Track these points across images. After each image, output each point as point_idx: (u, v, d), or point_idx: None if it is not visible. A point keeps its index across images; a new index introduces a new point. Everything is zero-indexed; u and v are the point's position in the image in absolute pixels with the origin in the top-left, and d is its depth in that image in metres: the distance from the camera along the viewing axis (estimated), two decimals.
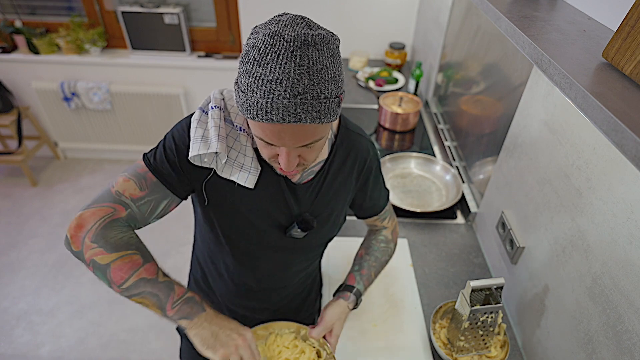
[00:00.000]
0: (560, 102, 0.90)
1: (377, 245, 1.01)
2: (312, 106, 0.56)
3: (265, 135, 0.61)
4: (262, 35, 0.55)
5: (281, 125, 0.58)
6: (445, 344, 0.99)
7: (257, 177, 0.73)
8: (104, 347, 1.95)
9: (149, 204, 0.73)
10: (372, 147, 0.89)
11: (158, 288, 0.72)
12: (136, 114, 2.84)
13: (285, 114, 0.55)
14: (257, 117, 0.57)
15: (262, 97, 0.55)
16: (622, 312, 0.70)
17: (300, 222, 0.81)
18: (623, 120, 0.44)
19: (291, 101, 0.55)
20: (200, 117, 0.71)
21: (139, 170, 0.72)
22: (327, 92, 0.57)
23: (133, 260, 0.70)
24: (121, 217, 0.71)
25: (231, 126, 0.72)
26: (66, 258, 2.36)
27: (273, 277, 0.93)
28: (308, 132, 0.60)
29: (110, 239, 0.69)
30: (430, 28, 2.12)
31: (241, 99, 0.58)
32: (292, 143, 0.61)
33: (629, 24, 0.51)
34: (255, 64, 0.55)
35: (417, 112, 1.85)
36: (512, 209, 1.12)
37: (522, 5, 0.81)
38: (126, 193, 0.71)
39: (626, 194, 0.70)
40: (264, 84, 0.55)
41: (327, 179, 0.82)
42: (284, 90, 0.54)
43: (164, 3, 2.60)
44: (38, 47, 2.60)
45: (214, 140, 0.68)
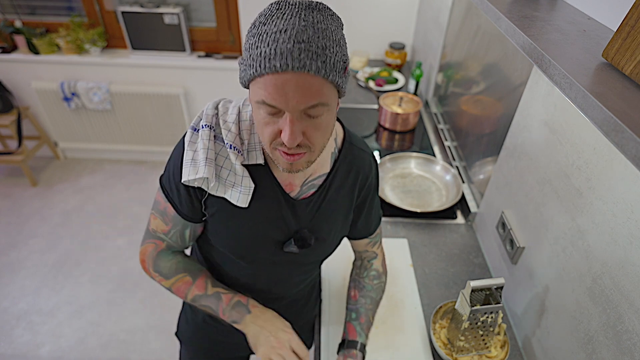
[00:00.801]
0: (560, 102, 0.90)
1: (371, 283, 0.97)
2: (317, 54, 0.54)
3: (268, 94, 0.56)
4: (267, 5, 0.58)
5: (284, 76, 0.54)
6: (445, 344, 0.99)
7: (249, 195, 0.71)
8: (104, 347, 1.95)
9: (177, 235, 0.81)
10: (374, 164, 0.87)
11: (209, 301, 0.83)
12: (136, 114, 2.84)
13: (288, 58, 0.53)
14: (260, 68, 0.55)
15: (266, 46, 0.54)
16: (622, 312, 0.70)
17: (297, 240, 0.79)
18: (623, 120, 0.44)
19: (295, 46, 0.53)
20: (191, 138, 0.71)
21: (160, 207, 0.78)
22: (332, 49, 0.56)
23: (185, 281, 0.84)
24: (163, 249, 0.83)
25: (222, 144, 0.70)
26: (66, 258, 2.37)
27: (270, 289, 0.91)
28: (312, 88, 0.56)
29: (163, 268, 0.83)
30: (430, 28, 2.12)
31: (243, 63, 0.58)
32: (295, 100, 0.56)
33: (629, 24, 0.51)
34: (261, 25, 0.56)
35: (417, 112, 1.85)
36: (512, 209, 1.12)
37: (522, 5, 0.81)
38: (158, 229, 0.81)
39: (626, 194, 0.70)
40: (268, 35, 0.54)
41: (329, 194, 0.80)
42: (288, 37, 0.53)
43: (164, 3, 2.60)
44: (38, 47, 2.60)
45: (201, 164, 0.67)
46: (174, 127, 2.91)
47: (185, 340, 1.08)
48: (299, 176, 0.76)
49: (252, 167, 0.73)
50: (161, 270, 0.83)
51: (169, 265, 0.83)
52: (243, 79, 0.60)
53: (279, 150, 0.64)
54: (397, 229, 1.35)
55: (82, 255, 2.39)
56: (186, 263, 0.85)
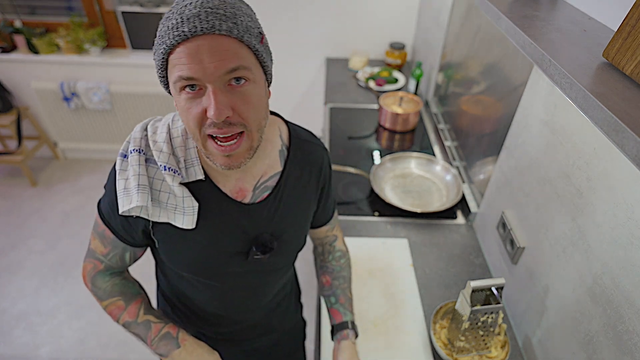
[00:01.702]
0: (560, 102, 0.90)
1: (338, 264, 0.97)
2: (226, 17, 0.54)
3: (183, 67, 0.54)
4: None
5: (196, 42, 0.53)
6: (445, 344, 0.99)
7: (194, 215, 0.68)
8: (104, 348, 1.94)
9: (116, 257, 0.78)
10: (325, 153, 0.84)
11: (138, 329, 0.80)
12: (136, 114, 2.83)
13: (195, 21, 0.52)
14: (171, 39, 0.53)
15: (175, 19, 0.53)
16: (622, 313, 0.70)
17: (257, 246, 0.75)
18: (624, 120, 0.44)
19: (202, 10, 0.53)
20: (121, 166, 0.66)
21: (98, 229, 0.75)
22: (243, 17, 0.55)
23: (117, 305, 0.80)
24: (100, 269, 0.80)
25: (155, 166, 0.66)
26: (65, 258, 2.36)
27: (246, 303, 0.88)
28: (228, 49, 0.54)
29: (98, 290, 0.81)
30: (430, 28, 2.11)
31: (156, 44, 0.57)
32: (214, 65, 0.54)
33: (629, 23, 0.51)
34: (167, 11, 0.56)
35: (417, 112, 1.85)
36: (513, 209, 1.12)
37: (522, 5, 0.80)
38: (97, 250, 0.78)
39: (627, 194, 0.70)
40: (176, 12, 0.54)
41: (285, 193, 0.76)
42: (194, 6, 0.53)
43: (164, 3, 2.60)
44: (38, 47, 2.60)
45: (134, 192, 0.63)
46: None
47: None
48: (249, 180, 0.73)
49: (193, 184, 0.69)
50: (97, 291, 0.81)
51: (104, 287, 0.80)
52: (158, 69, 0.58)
53: (212, 142, 0.60)
54: (398, 229, 1.35)
55: (82, 255, 2.38)
56: (123, 286, 0.82)
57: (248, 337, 0.99)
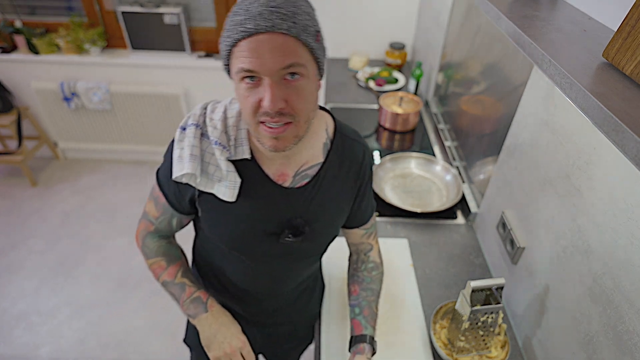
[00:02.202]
0: (560, 102, 0.90)
1: (369, 275, 0.97)
2: (287, 16, 0.58)
3: (245, 60, 0.59)
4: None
5: (257, 38, 0.58)
6: (445, 344, 0.99)
7: (235, 190, 0.73)
8: (104, 348, 1.94)
9: (165, 222, 0.86)
10: (367, 152, 0.88)
11: (174, 289, 0.88)
12: (136, 114, 2.84)
13: (259, 18, 0.57)
14: (234, 36, 0.59)
15: (239, 16, 0.58)
16: (622, 313, 0.70)
17: (290, 228, 0.79)
18: (624, 120, 0.44)
19: (266, 10, 0.57)
20: (179, 137, 0.74)
21: (154, 194, 0.83)
22: (302, 15, 0.60)
23: (160, 265, 0.89)
24: (151, 231, 0.89)
25: (208, 141, 0.73)
26: (65, 258, 2.36)
27: (271, 283, 0.91)
28: (286, 48, 0.59)
29: (146, 248, 0.90)
30: (430, 28, 2.11)
31: (223, 37, 0.62)
32: (272, 60, 0.59)
33: (629, 23, 0.51)
34: (236, 6, 0.61)
35: (418, 112, 1.85)
36: (513, 209, 1.12)
37: (522, 5, 0.81)
38: (150, 213, 0.86)
39: (627, 194, 0.70)
40: (242, 8, 0.59)
41: (324, 184, 0.80)
42: (260, 4, 0.58)
43: (164, 3, 2.60)
44: (38, 47, 2.60)
45: (186, 160, 0.71)
46: (174, 127, 2.90)
47: (195, 347, 1.07)
48: (291, 166, 0.77)
49: (240, 162, 0.74)
50: (145, 249, 0.90)
51: (152, 247, 0.89)
52: (224, 58, 0.64)
53: (262, 125, 0.65)
54: (398, 229, 1.35)
55: (82, 255, 2.39)
56: (167, 248, 0.90)
57: (267, 322, 1.02)
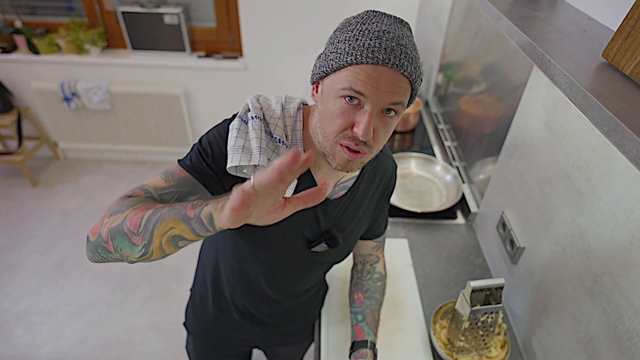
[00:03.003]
0: (560, 102, 0.90)
1: (374, 285, 1.00)
2: (411, 59, 0.60)
3: (359, 82, 0.59)
4: (361, 12, 0.64)
5: (381, 70, 0.59)
6: (445, 344, 0.99)
7: (293, 188, 0.72)
8: (104, 348, 1.94)
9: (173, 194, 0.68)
10: (395, 169, 0.90)
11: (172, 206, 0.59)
12: (136, 114, 2.84)
13: (391, 55, 0.58)
14: (361, 57, 0.58)
15: (370, 40, 0.59)
16: (622, 313, 0.70)
17: (328, 238, 0.81)
18: (623, 121, 0.44)
19: (397, 46, 0.59)
20: (240, 127, 0.69)
21: (169, 170, 0.70)
22: (418, 61, 0.63)
23: (146, 206, 0.61)
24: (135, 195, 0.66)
25: (270, 138, 0.70)
26: (66, 258, 2.36)
27: (286, 285, 0.92)
28: (400, 86, 0.60)
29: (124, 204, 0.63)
30: (430, 28, 2.11)
31: (339, 51, 0.61)
32: (385, 94, 0.60)
33: (629, 24, 0.51)
34: (359, 24, 0.61)
35: (418, 112, 1.85)
36: (513, 209, 1.12)
37: (522, 5, 0.81)
38: (150, 184, 0.67)
39: (626, 194, 0.70)
40: (371, 32, 0.59)
41: (357, 195, 0.82)
42: (391, 37, 0.59)
43: (164, 3, 2.60)
44: (38, 47, 2.60)
45: (255, 152, 0.66)
46: (174, 127, 2.91)
47: (193, 333, 1.09)
48: (333, 176, 0.78)
49: None
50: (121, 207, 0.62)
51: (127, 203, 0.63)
52: (329, 68, 0.62)
53: (341, 144, 0.64)
54: (398, 229, 1.35)
55: (82, 255, 2.39)
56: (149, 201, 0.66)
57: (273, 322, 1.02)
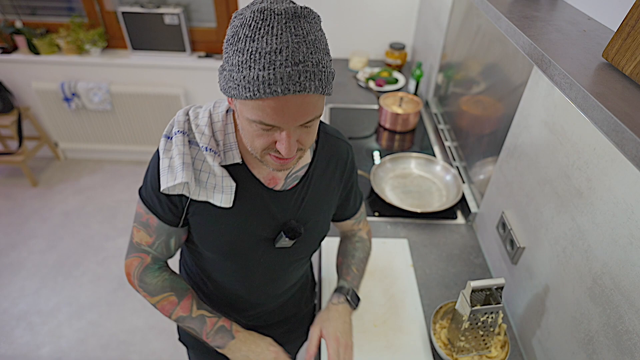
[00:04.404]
0: (560, 102, 0.90)
1: (353, 246, 1.01)
2: (314, 74, 0.55)
3: (266, 115, 0.56)
4: (249, 12, 0.54)
5: (285, 99, 0.55)
6: (445, 344, 0.99)
7: (231, 195, 0.72)
8: (104, 348, 1.95)
9: (162, 245, 0.80)
10: (350, 149, 0.89)
11: (193, 323, 0.83)
12: (136, 114, 2.84)
13: (289, 83, 0.53)
14: (258, 93, 0.54)
15: (263, 69, 0.52)
16: (622, 313, 0.70)
17: (287, 231, 0.80)
18: (623, 121, 0.44)
19: (294, 69, 0.53)
20: (165, 146, 0.70)
21: (142, 220, 0.78)
22: (324, 62, 0.56)
23: (170, 301, 0.83)
24: (148, 263, 0.82)
25: (197, 148, 0.70)
26: (66, 258, 2.36)
27: (265, 287, 0.91)
28: (310, 105, 0.57)
29: (149, 285, 0.82)
30: (430, 28, 2.12)
31: (235, 80, 0.55)
32: (295, 119, 0.57)
33: (629, 24, 0.51)
34: (248, 40, 0.53)
35: (418, 113, 1.85)
36: (513, 209, 1.12)
37: (522, 5, 0.81)
38: (142, 242, 0.80)
39: (626, 194, 0.70)
40: (262, 56, 0.52)
41: (312, 183, 0.81)
42: (285, 59, 0.52)
43: (164, 3, 2.60)
44: (38, 47, 2.60)
45: (179, 170, 0.67)
46: None
47: (191, 346, 1.08)
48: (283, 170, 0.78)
49: (230, 167, 0.73)
50: (147, 287, 0.83)
51: (155, 282, 0.83)
52: (231, 94, 0.58)
53: (271, 155, 0.64)
54: (398, 229, 1.35)
55: (82, 255, 2.39)
56: (173, 281, 0.85)
57: (262, 324, 1.02)
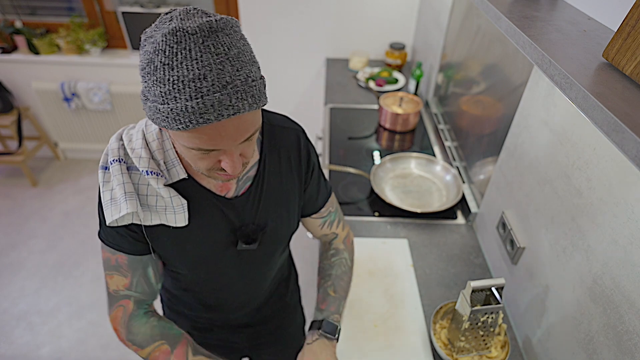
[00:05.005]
0: (560, 102, 0.90)
1: (329, 263, 0.95)
2: (245, 92, 0.52)
3: (204, 142, 0.54)
4: (160, 36, 0.49)
5: (220, 124, 0.52)
6: (445, 344, 0.99)
7: (185, 212, 0.69)
8: (104, 348, 1.94)
9: (141, 281, 0.76)
10: (302, 135, 0.83)
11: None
12: (136, 114, 2.84)
13: (221, 108, 0.50)
14: (191, 124, 0.50)
15: (190, 99, 0.49)
16: (622, 313, 0.70)
17: (242, 237, 0.77)
18: (623, 121, 0.44)
19: (223, 93, 0.49)
20: (103, 178, 0.67)
21: (111, 264, 0.74)
22: (252, 74, 0.53)
23: (162, 351, 0.77)
24: (132, 309, 0.77)
25: (138, 172, 0.67)
26: (66, 258, 2.36)
27: (244, 290, 0.89)
28: (248, 122, 0.55)
29: (137, 335, 0.76)
30: (430, 28, 2.12)
31: (161, 112, 0.51)
32: (234, 140, 0.55)
33: (629, 24, 0.51)
34: (167, 68, 0.48)
35: (418, 113, 1.85)
36: (513, 209, 1.12)
37: (522, 5, 0.81)
38: (120, 287, 0.75)
39: (627, 194, 0.70)
40: (185, 85, 0.48)
41: (265, 181, 0.77)
42: (212, 84, 0.49)
43: (164, 3, 2.60)
44: (38, 47, 2.60)
45: (122, 200, 0.64)
46: None
47: None
48: None
49: (177, 183, 0.70)
50: (135, 338, 0.77)
51: (144, 331, 0.77)
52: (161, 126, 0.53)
53: (217, 172, 0.62)
54: (398, 229, 1.35)
55: (82, 255, 2.39)
56: (163, 327, 0.79)
57: (251, 322, 1.01)
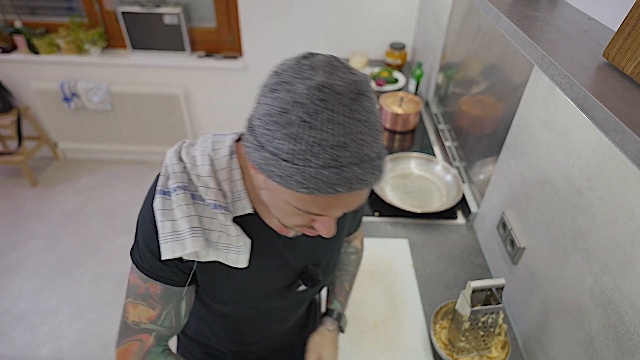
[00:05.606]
0: (560, 102, 0.90)
1: (347, 259, 0.99)
2: (378, 167, 0.49)
3: (316, 207, 0.50)
4: (304, 88, 0.45)
5: (343, 195, 0.48)
6: (445, 344, 0.99)
7: (247, 254, 0.64)
8: (104, 348, 1.94)
9: (171, 314, 0.68)
10: None
11: None
12: (136, 114, 2.84)
13: (354, 182, 0.46)
14: (317, 191, 0.46)
15: (325, 167, 0.45)
16: (623, 313, 0.70)
17: (305, 280, 0.75)
18: (624, 120, 0.44)
19: (362, 167, 0.46)
20: (163, 205, 0.58)
21: (139, 292, 0.65)
22: (383, 148, 0.50)
23: None
24: (150, 345, 0.69)
25: (202, 203, 0.60)
26: (66, 258, 2.36)
27: (274, 325, 0.87)
28: (364, 195, 0.51)
29: None
30: (430, 28, 2.11)
31: (282, 169, 0.46)
32: (345, 209, 0.52)
33: (629, 24, 0.51)
34: (305, 127, 0.44)
35: (418, 113, 1.85)
36: (513, 209, 1.12)
37: (522, 5, 0.80)
38: (143, 319, 0.66)
39: (627, 194, 0.69)
40: (324, 150, 0.44)
41: None
42: (352, 155, 0.45)
43: (164, 3, 2.60)
44: (38, 47, 2.60)
45: (187, 237, 0.57)
46: (174, 127, 2.91)
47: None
48: None
49: (241, 218, 0.64)
50: None
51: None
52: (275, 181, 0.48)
53: (304, 229, 0.58)
54: (398, 229, 1.35)
55: (82, 255, 2.39)
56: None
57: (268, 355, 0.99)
